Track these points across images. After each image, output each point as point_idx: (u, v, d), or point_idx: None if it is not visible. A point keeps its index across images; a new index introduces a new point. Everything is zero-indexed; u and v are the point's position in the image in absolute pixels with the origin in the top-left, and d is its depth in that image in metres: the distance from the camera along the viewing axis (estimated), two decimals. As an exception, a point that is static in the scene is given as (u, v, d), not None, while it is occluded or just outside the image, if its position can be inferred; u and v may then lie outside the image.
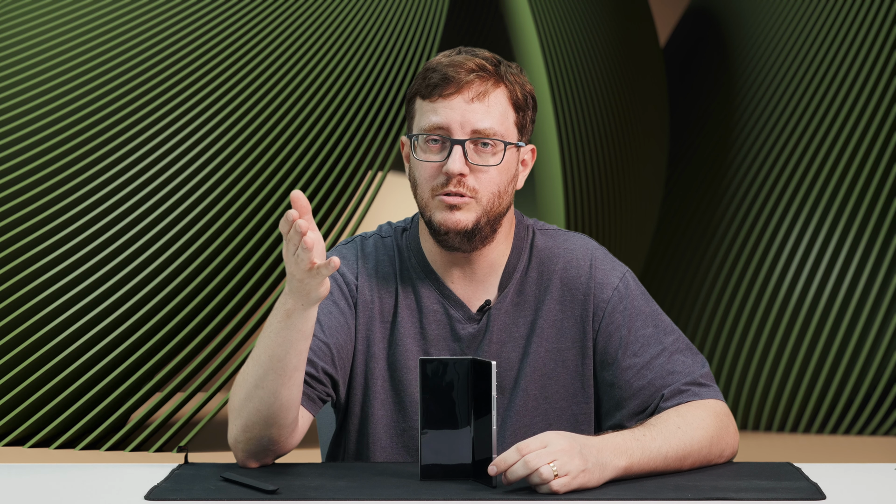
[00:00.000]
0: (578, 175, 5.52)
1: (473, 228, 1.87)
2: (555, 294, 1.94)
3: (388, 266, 1.96)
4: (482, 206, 1.87)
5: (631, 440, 1.73)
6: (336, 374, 1.90)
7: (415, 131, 1.90)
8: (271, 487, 1.63)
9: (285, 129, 4.88)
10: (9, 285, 4.67)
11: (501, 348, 1.93)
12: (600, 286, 1.95)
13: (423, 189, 1.89)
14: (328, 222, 4.91)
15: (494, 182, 1.88)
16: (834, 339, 5.60)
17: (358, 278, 1.95)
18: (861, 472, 1.84)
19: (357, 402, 1.94)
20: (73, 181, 4.74)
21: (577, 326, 1.94)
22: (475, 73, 1.87)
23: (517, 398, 1.93)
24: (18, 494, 1.66)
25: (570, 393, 1.94)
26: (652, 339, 1.91)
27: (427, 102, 1.89)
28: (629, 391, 1.90)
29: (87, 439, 4.62)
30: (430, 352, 1.93)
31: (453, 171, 1.85)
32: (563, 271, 1.95)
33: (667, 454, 1.75)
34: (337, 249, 1.99)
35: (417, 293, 1.94)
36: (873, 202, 5.63)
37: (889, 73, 5.67)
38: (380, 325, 1.94)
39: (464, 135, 1.86)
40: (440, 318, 1.93)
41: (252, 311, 4.83)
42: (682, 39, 6.82)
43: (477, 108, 1.86)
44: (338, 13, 5.07)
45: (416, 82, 1.92)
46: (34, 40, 4.94)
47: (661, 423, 1.79)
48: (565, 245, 1.98)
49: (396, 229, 2.00)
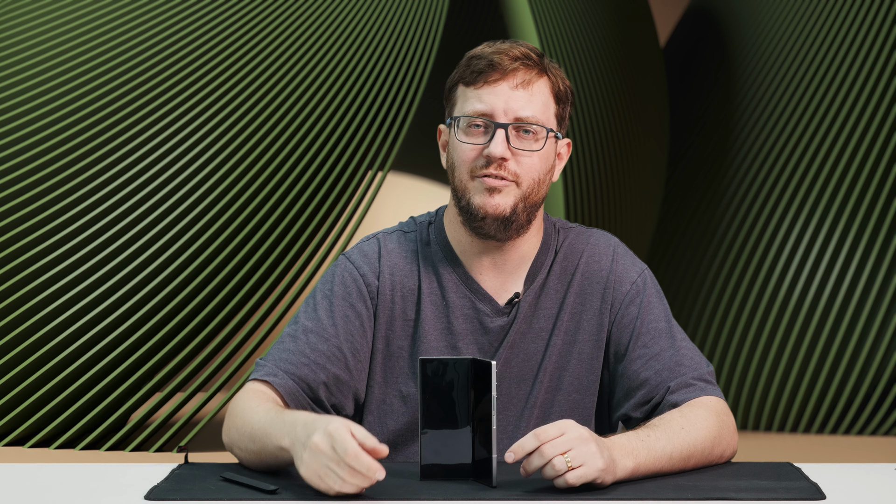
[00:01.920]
0: (578, 175, 5.52)
1: (511, 214, 1.88)
2: (576, 287, 1.96)
3: (411, 262, 1.96)
4: (521, 192, 1.88)
5: (636, 441, 1.73)
6: (350, 380, 1.90)
7: (457, 115, 1.91)
8: (271, 487, 1.63)
9: (285, 129, 4.88)
10: (9, 285, 4.67)
11: (524, 340, 1.94)
12: (619, 279, 1.97)
13: (462, 171, 1.90)
14: (328, 222, 4.91)
15: (535, 168, 1.89)
16: (834, 339, 5.60)
17: (380, 278, 1.95)
18: (861, 472, 1.84)
19: (375, 401, 1.94)
20: (73, 181, 4.74)
21: (595, 318, 1.96)
22: (520, 62, 1.89)
23: (534, 390, 1.94)
24: (18, 494, 1.66)
25: (581, 385, 1.96)
26: (663, 333, 1.93)
27: (471, 89, 1.90)
28: (637, 381, 1.91)
29: (87, 439, 4.62)
30: (458, 345, 1.93)
31: (496, 153, 1.86)
32: (585, 264, 1.97)
33: (671, 454, 1.76)
34: (358, 247, 1.99)
35: (443, 288, 1.94)
36: (873, 202, 5.63)
37: (889, 73, 5.67)
38: (401, 324, 1.94)
39: (507, 120, 1.87)
40: (467, 312, 1.94)
41: (252, 312, 4.83)
42: (682, 39, 6.83)
43: (521, 96, 1.88)
44: (338, 13, 5.07)
45: (459, 71, 1.93)
46: (34, 40, 4.94)
47: (665, 424, 1.79)
48: (589, 240, 2.00)
49: (421, 224, 2.00)
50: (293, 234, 4.82)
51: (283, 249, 4.82)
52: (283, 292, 4.80)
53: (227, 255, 4.76)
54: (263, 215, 4.82)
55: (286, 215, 4.85)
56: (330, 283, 1.95)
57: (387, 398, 1.94)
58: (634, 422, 1.92)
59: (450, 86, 1.95)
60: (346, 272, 1.96)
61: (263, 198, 4.82)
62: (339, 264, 1.98)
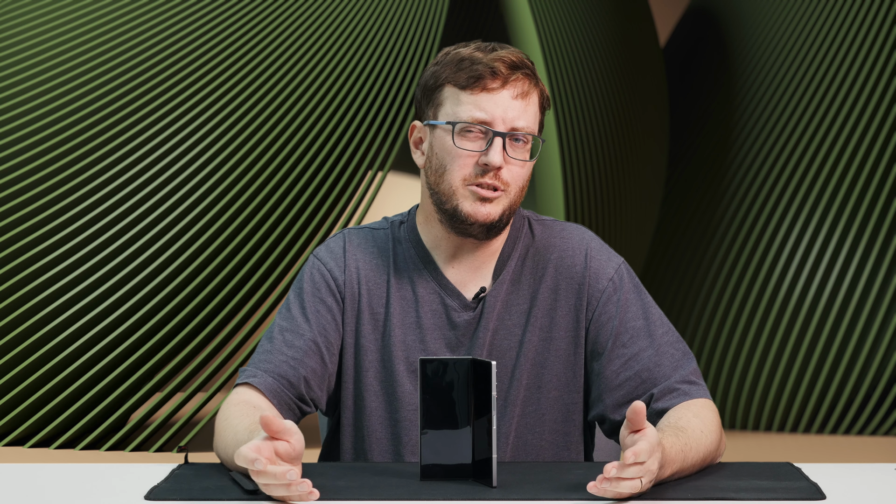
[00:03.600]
0: (578, 175, 5.52)
1: (499, 220, 1.89)
2: (549, 283, 1.95)
3: (379, 258, 1.97)
4: (510, 199, 1.89)
5: (677, 453, 1.68)
6: (326, 373, 1.92)
7: (451, 119, 1.90)
8: (251, 486, 1.63)
9: (285, 129, 4.88)
10: (9, 285, 4.67)
11: (495, 336, 1.94)
12: (595, 276, 1.96)
13: (454, 176, 1.89)
14: (328, 222, 4.91)
15: (522, 176, 1.90)
16: (834, 339, 5.60)
17: (345, 272, 1.96)
18: (861, 472, 1.84)
19: (349, 395, 1.95)
20: (73, 181, 4.74)
21: (571, 316, 1.95)
22: (520, 71, 1.88)
23: (512, 387, 1.93)
24: (18, 494, 1.66)
25: (563, 382, 1.95)
26: (641, 332, 1.92)
27: (466, 93, 1.88)
28: (615, 381, 1.90)
29: (87, 439, 4.62)
30: (426, 340, 1.93)
31: (495, 163, 1.86)
32: (558, 260, 1.96)
33: (694, 462, 1.75)
34: (325, 244, 2.01)
35: (413, 283, 1.95)
36: (873, 202, 5.63)
37: (889, 73, 5.67)
38: (369, 318, 1.95)
39: (504, 129, 1.87)
40: (435, 307, 1.94)
41: (252, 312, 4.83)
42: (682, 39, 6.82)
43: (518, 106, 1.88)
44: (338, 13, 5.07)
45: (446, 70, 1.90)
46: (34, 40, 4.94)
47: (691, 430, 1.76)
48: (561, 235, 1.99)
49: (393, 223, 2.01)
50: (293, 234, 4.82)
51: (283, 249, 4.82)
52: (283, 292, 4.80)
53: (227, 255, 4.76)
54: (263, 215, 4.81)
55: (286, 215, 4.85)
56: (300, 281, 1.98)
57: (359, 392, 1.95)
58: (611, 423, 1.91)
59: (434, 83, 1.92)
60: (315, 269, 1.98)
61: (263, 198, 4.81)
62: (308, 263, 2.01)
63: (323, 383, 1.93)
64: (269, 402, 1.86)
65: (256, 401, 1.85)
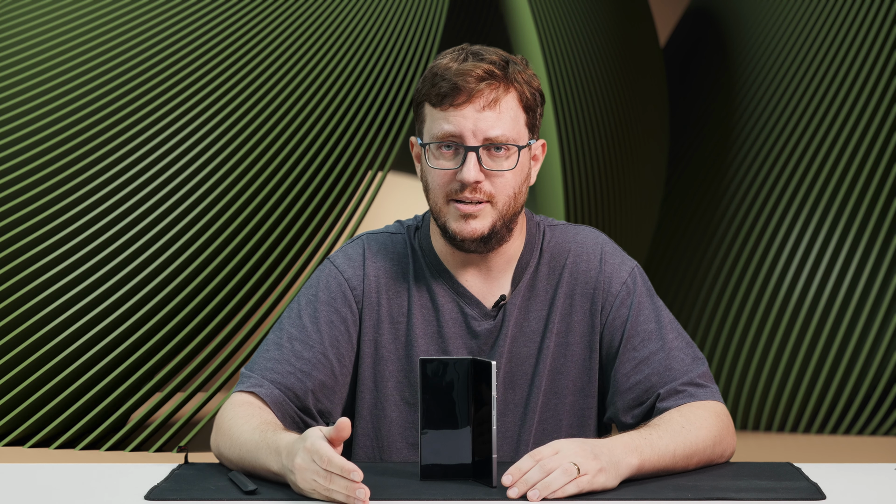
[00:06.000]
0: (578, 175, 5.52)
1: (490, 233, 1.87)
2: (565, 288, 1.95)
3: (399, 265, 1.95)
4: (498, 210, 1.86)
5: (639, 438, 1.73)
6: (336, 385, 1.89)
7: (426, 139, 1.88)
8: (250, 487, 1.63)
9: (285, 130, 4.88)
10: (9, 285, 4.67)
11: (514, 344, 1.93)
12: (609, 280, 1.95)
13: (437, 195, 1.87)
14: (328, 222, 4.91)
15: (510, 185, 1.87)
16: (834, 339, 5.59)
17: (364, 281, 1.94)
18: (861, 472, 1.84)
19: (366, 405, 1.93)
20: (73, 181, 4.74)
21: (586, 320, 1.94)
22: (485, 82, 1.84)
23: (532, 394, 1.93)
24: (18, 494, 1.66)
25: (578, 388, 1.95)
26: (653, 335, 1.92)
27: (437, 110, 1.86)
28: (626, 384, 1.90)
29: (87, 439, 4.62)
30: (449, 350, 1.92)
31: (468, 179, 1.83)
32: (573, 264, 1.95)
33: (674, 452, 1.75)
34: (342, 250, 1.97)
35: (431, 292, 1.93)
36: (873, 202, 5.63)
37: (889, 73, 5.67)
38: (389, 327, 1.93)
39: (476, 142, 1.84)
40: (455, 316, 1.92)
41: (252, 312, 4.83)
42: (682, 39, 6.82)
43: (488, 116, 1.84)
44: (338, 13, 5.07)
45: (425, 86, 1.89)
46: (34, 40, 4.94)
47: (665, 423, 1.79)
48: (575, 238, 1.98)
49: (409, 228, 1.98)
50: (293, 234, 4.82)
51: (283, 249, 4.82)
52: (283, 292, 4.80)
53: (227, 255, 4.76)
54: (263, 215, 4.81)
55: (286, 215, 4.85)
56: (314, 287, 1.93)
57: (378, 402, 1.93)
58: (625, 426, 1.91)
59: (418, 100, 1.90)
60: (331, 277, 1.94)
61: (263, 198, 4.81)
62: (323, 269, 1.95)
63: (334, 396, 1.89)
64: (272, 413, 1.84)
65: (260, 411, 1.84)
